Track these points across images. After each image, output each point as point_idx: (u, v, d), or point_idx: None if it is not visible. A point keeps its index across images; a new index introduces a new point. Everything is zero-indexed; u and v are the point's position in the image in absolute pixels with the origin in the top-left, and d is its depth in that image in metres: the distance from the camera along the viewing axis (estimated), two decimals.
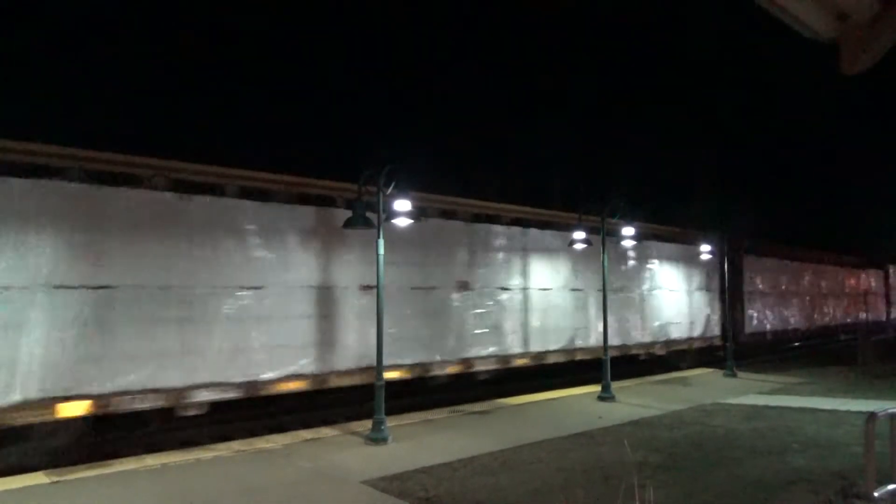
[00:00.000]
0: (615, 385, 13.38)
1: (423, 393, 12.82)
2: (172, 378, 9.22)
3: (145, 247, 9.12)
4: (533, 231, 15.05)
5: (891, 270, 38.36)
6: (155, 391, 9.07)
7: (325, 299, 10.90)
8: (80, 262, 8.60)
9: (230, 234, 9.94)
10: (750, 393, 13.82)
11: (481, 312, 13.50)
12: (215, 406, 9.76)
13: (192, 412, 9.45)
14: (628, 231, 14.00)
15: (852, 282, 34.87)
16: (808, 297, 29.29)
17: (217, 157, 10.82)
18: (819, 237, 32.57)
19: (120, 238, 8.94)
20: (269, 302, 10.20)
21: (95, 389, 8.60)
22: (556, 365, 15.21)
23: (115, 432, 9.74)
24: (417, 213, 9.41)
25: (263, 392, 10.15)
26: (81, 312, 8.56)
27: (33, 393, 8.19)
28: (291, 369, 10.36)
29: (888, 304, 38.41)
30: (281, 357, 10.27)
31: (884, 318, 37.28)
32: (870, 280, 36.81)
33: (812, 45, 3.79)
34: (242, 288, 9.97)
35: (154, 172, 9.57)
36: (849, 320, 33.20)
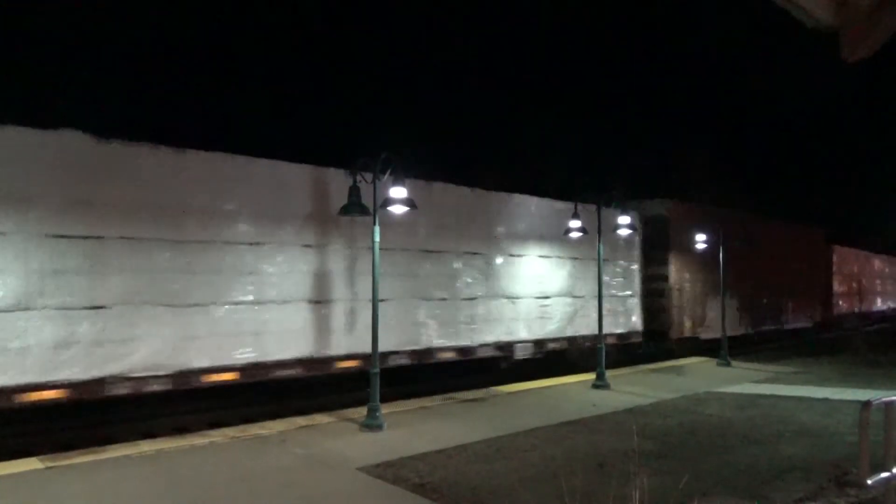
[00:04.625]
0: (610, 373, 13.45)
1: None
2: None
3: None
4: None
5: None
6: None
7: None
8: None
9: None
10: (744, 382, 13.88)
11: None
12: None
13: None
14: (624, 220, 13.92)
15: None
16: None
17: None
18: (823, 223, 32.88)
19: None
20: None
21: None
22: None
23: None
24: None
25: None
26: None
27: None
28: None
29: None
30: None
31: None
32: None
33: (813, 33, 3.76)
34: None
35: None
36: None
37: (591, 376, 13.18)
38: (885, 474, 5.08)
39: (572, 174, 29.53)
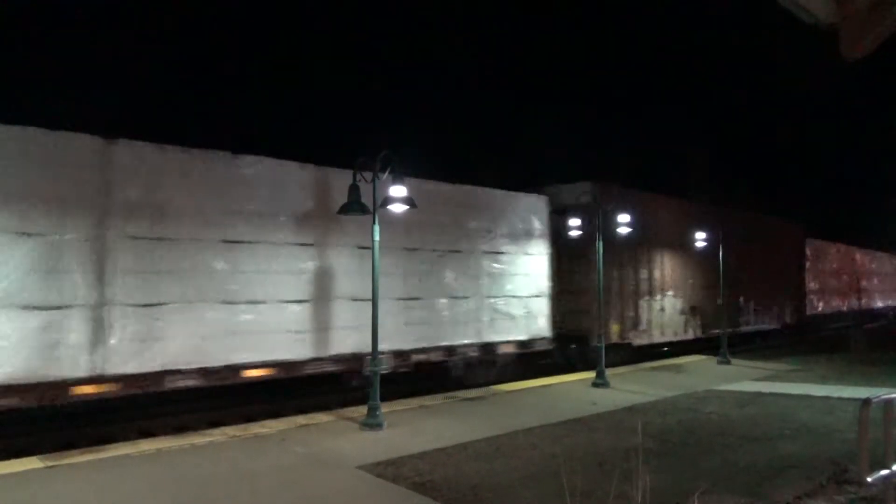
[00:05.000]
0: (610, 371, 13.47)
1: None
2: None
3: None
4: None
5: None
6: None
7: None
8: None
9: None
10: (743, 380, 13.89)
11: None
12: None
13: None
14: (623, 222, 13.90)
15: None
16: None
17: None
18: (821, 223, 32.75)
19: None
20: None
21: None
22: None
23: None
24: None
25: None
26: None
27: None
28: None
29: None
30: None
31: None
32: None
33: (812, 30, 3.75)
34: None
35: None
36: None
37: (592, 375, 13.18)
38: (884, 472, 5.08)
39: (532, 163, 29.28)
